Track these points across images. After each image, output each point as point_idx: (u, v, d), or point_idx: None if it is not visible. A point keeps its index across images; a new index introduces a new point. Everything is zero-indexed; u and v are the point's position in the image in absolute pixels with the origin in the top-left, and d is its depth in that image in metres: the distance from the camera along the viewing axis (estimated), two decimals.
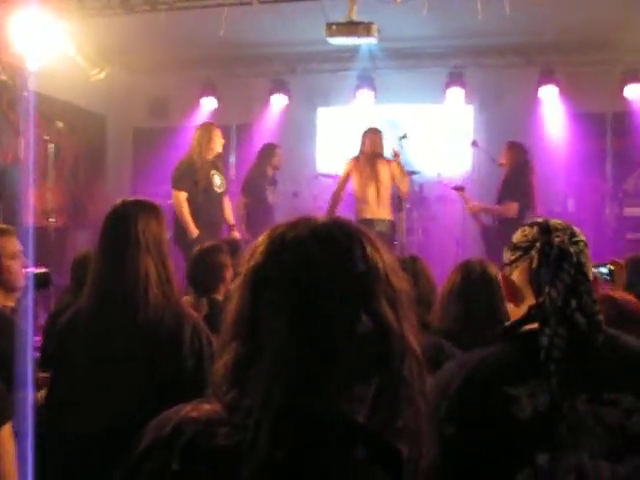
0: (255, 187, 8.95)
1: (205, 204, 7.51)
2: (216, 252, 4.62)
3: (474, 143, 9.47)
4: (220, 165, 7.91)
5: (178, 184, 7.52)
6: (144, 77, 10.56)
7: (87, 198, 10.90)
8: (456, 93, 10.31)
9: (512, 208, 8.04)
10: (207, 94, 10.88)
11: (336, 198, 8.27)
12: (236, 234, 7.63)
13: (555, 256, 1.85)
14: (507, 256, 2.01)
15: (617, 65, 9.74)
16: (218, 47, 9.09)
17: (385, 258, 1.27)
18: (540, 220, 1.99)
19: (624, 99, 9.95)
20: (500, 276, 2.06)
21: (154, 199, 9.54)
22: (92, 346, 2.83)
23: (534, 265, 1.89)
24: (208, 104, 10.92)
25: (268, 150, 9.12)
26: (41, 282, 4.27)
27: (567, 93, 9.99)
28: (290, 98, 10.85)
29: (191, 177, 7.49)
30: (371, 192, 7.97)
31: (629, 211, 9.31)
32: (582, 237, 1.94)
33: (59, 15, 7.25)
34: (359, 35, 6.83)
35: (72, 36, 7.43)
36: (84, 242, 10.09)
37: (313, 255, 1.21)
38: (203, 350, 2.81)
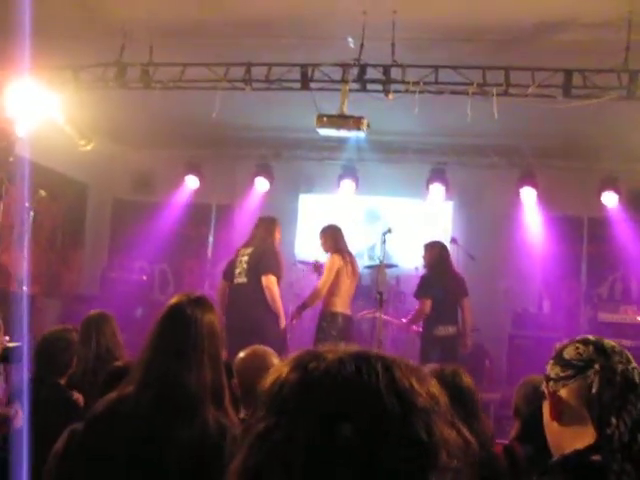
0: None
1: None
2: None
3: (453, 240, 9.54)
4: None
5: (277, 270, 7.50)
6: (129, 150, 10.63)
7: (62, 266, 10.79)
8: (437, 189, 10.45)
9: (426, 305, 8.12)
10: (191, 172, 10.94)
11: (322, 295, 7.88)
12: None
13: (620, 384, 1.77)
14: (555, 371, 1.89)
15: (595, 172, 9.95)
16: (206, 127, 9.19)
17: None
18: (592, 338, 1.89)
19: (601, 205, 10.13)
20: (545, 390, 1.96)
21: (129, 273, 9.51)
22: (133, 446, 2.69)
23: (594, 390, 1.79)
24: (191, 182, 10.97)
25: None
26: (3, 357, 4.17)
27: (546, 196, 10.18)
28: (273, 182, 10.92)
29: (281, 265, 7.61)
30: (351, 288, 7.90)
31: (603, 316, 9.33)
32: (635, 363, 1.85)
33: (53, 85, 7.31)
34: (349, 129, 6.90)
35: (63, 105, 7.47)
36: (55, 311, 9.95)
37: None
38: None
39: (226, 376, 4.21)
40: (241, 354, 3.65)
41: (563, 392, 1.86)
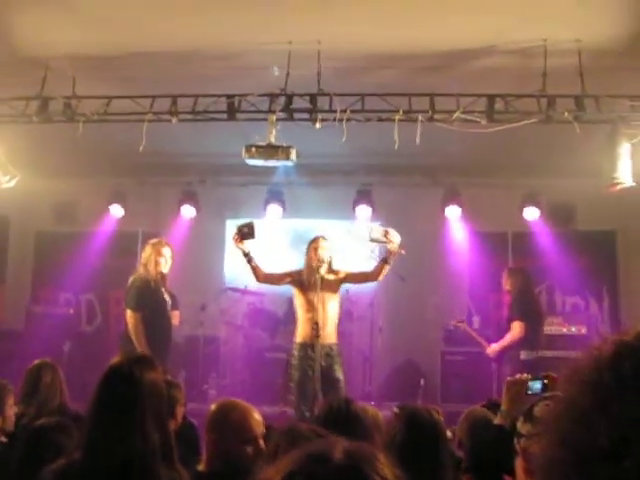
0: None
1: (161, 324, 7.31)
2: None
3: (383, 260, 9.58)
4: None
5: (134, 304, 7.21)
6: (51, 181, 10.38)
7: None
8: (364, 210, 10.54)
9: (519, 327, 8.02)
10: (115, 201, 10.76)
11: None
12: None
13: None
14: (526, 428, 1.90)
15: (517, 188, 10.21)
16: (129, 155, 9.05)
17: None
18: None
19: (524, 220, 10.40)
20: (517, 447, 1.96)
21: (54, 306, 9.22)
22: None
23: None
24: (115, 211, 10.80)
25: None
26: None
27: (470, 213, 10.38)
28: (199, 209, 10.83)
29: (147, 297, 7.24)
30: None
31: None
32: None
33: None
34: (278, 159, 6.90)
35: None
36: None
37: None
38: None
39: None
40: (213, 406, 3.61)
41: (535, 449, 1.88)
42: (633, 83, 6.64)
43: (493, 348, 8.34)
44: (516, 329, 8.02)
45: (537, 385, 3.65)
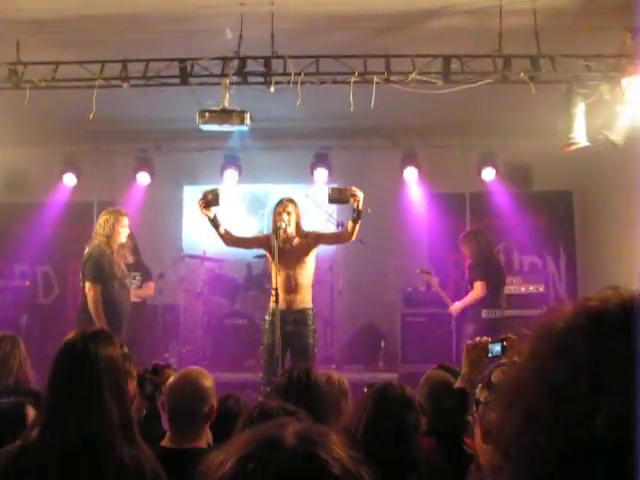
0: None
1: (119, 296, 7.26)
2: None
3: (340, 224, 9.57)
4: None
5: (93, 277, 7.13)
6: (1, 150, 10.12)
7: None
8: (321, 173, 10.49)
9: (480, 287, 8.21)
10: (68, 170, 10.56)
11: None
12: None
13: None
14: (483, 395, 1.92)
15: (474, 149, 10.22)
16: (81, 122, 8.83)
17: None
18: None
19: (481, 180, 10.44)
20: (475, 415, 1.95)
21: (10, 279, 9.06)
22: None
23: None
24: (69, 180, 10.59)
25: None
26: None
27: (428, 174, 10.38)
28: (155, 176, 10.67)
29: (106, 268, 7.15)
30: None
31: None
32: None
33: None
34: (232, 123, 6.79)
35: None
36: None
37: None
38: None
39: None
40: (171, 378, 3.56)
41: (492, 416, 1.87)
42: (588, 43, 6.64)
43: (456, 306, 8.51)
44: (478, 288, 8.22)
45: (497, 348, 3.67)
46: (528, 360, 1.10)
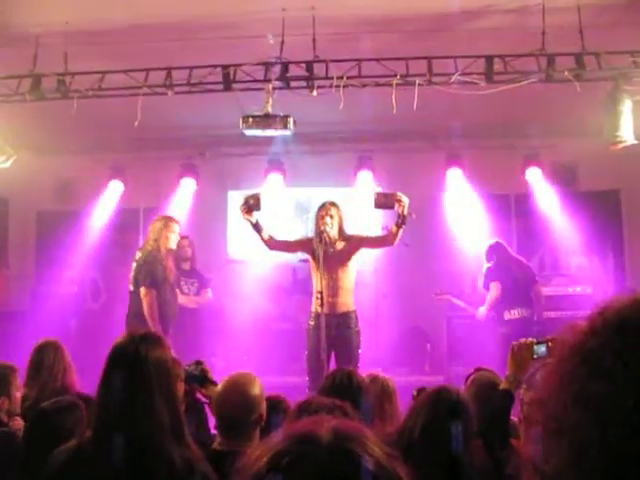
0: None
1: (170, 300, 7.40)
2: None
3: (385, 228, 9.54)
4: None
5: (149, 282, 7.26)
6: (50, 159, 10.32)
7: None
8: (365, 176, 10.47)
9: (495, 287, 8.42)
10: (115, 177, 10.71)
11: None
12: None
13: None
14: (527, 395, 1.91)
15: (519, 150, 10.13)
16: (127, 130, 8.99)
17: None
18: None
19: (526, 181, 10.33)
20: (520, 415, 1.94)
21: (58, 285, 9.16)
22: None
23: None
24: (115, 187, 10.74)
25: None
26: None
27: (472, 176, 10.30)
28: (200, 182, 10.77)
29: (159, 273, 7.30)
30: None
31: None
32: None
33: None
34: (275, 128, 6.85)
35: None
36: None
37: None
38: None
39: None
40: (220, 385, 3.58)
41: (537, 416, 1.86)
42: (634, 38, 6.54)
43: (481, 311, 8.70)
44: (492, 290, 8.49)
45: (542, 349, 3.63)
46: (566, 385, 1.09)
